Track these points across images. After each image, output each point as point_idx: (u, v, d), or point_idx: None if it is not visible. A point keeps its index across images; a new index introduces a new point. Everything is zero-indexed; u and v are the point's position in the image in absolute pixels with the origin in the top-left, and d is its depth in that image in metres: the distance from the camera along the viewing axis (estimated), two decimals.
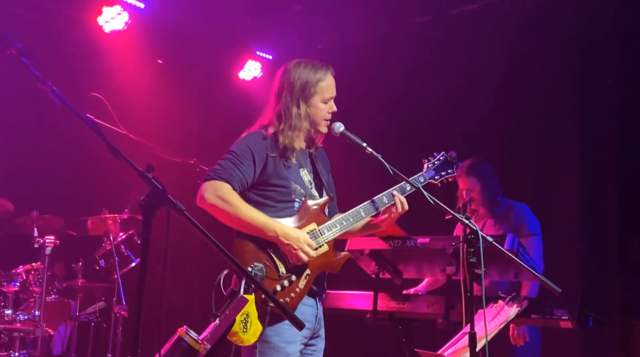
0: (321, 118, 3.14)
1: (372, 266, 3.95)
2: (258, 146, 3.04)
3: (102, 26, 5.88)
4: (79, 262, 5.52)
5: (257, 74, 6.98)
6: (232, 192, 2.96)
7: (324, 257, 3.04)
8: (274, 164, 3.04)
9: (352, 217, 3.12)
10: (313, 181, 3.19)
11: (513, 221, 4.45)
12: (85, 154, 5.79)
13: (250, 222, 2.93)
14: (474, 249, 2.86)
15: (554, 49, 5.43)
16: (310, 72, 3.12)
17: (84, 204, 5.88)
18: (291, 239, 2.93)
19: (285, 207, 3.05)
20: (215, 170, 3.00)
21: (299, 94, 3.08)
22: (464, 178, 4.54)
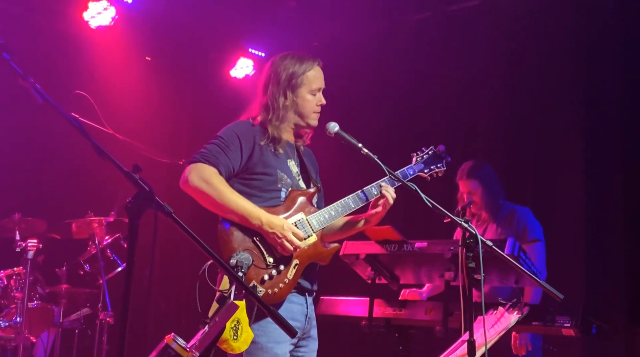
0: (310, 110, 3.16)
1: (368, 271, 3.94)
2: (245, 133, 3.06)
3: (87, 22, 5.86)
4: (63, 267, 5.49)
5: (249, 71, 6.98)
6: (217, 176, 2.95)
7: (313, 248, 3.04)
8: (261, 152, 3.05)
9: (340, 207, 3.11)
10: (300, 173, 3.20)
11: (515, 226, 4.45)
12: (70, 155, 5.77)
13: (234, 208, 2.91)
14: (473, 253, 2.86)
15: (556, 47, 5.44)
16: (296, 63, 3.16)
17: (68, 206, 5.85)
18: (275, 227, 2.92)
19: (271, 196, 3.04)
20: (201, 153, 3.00)
21: (286, 84, 3.12)
22: (465, 181, 4.55)
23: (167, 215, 2.02)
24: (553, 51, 5.46)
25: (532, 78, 5.57)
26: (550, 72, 5.47)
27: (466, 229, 2.88)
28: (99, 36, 6.05)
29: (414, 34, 6.25)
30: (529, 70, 5.58)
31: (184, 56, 6.82)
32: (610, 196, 5.03)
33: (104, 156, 1.99)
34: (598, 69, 5.20)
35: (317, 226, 3.06)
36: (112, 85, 6.27)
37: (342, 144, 3.11)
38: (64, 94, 4.87)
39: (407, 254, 3.76)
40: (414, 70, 6.18)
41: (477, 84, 5.85)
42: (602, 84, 5.17)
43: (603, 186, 5.06)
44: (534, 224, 4.48)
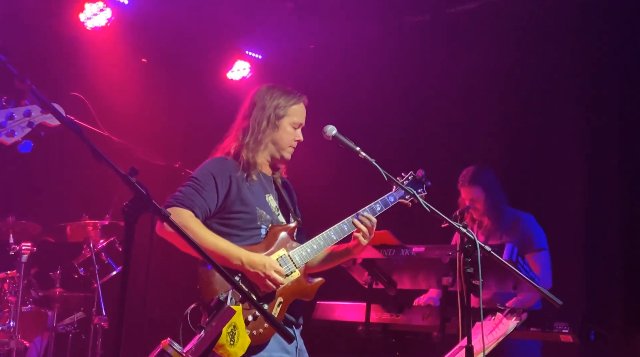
0: (286, 143, 3.22)
1: (365, 275, 3.95)
2: (220, 170, 3.09)
3: (83, 23, 5.87)
4: (57, 270, 5.48)
5: (245, 74, 6.99)
6: (193, 219, 2.96)
7: (297, 284, 3.06)
8: (238, 188, 3.07)
9: (322, 240, 3.14)
10: (279, 207, 3.23)
11: (521, 234, 4.46)
12: (65, 157, 5.76)
13: (213, 250, 2.92)
14: (471, 258, 2.87)
15: (556, 50, 5.46)
16: (283, 94, 3.25)
17: (62, 209, 5.85)
18: (257, 266, 2.94)
19: (251, 234, 3.06)
20: (175, 196, 3.02)
21: (271, 110, 3.18)
22: (467, 188, 4.55)
23: (163, 219, 2.03)
24: (553, 54, 5.47)
25: (532, 82, 5.58)
26: (550, 76, 5.49)
27: (464, 233, 2.89)
28: (95, 37, 6.05)
29: (412, 37, 6.27)
30: (528, 74, 5.60)
31: (180, 58, 6.82)
32: (610, 200, 5.05)
33: (100, 159, 2.00)
34: (598, 71, 5.22)
35: (299, 262, 3.08)
36: (108, 88, 6.26)
37: (340, 147, 3.12)
38: (59, 96, 4.86)
39: (404, 258, 3.76)
40: (412, 74, 6.19)
41: (476, 88, 5.86)
42: (602, 87, 5.19)
43: (602, 190, 5.08)
44: (539, 232, 4.48)
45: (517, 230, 4.48)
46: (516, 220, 4.53)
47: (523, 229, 4.48)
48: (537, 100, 5.54)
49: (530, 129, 5.57)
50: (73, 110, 4.80)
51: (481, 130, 5.78)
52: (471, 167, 4.63)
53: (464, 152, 5.74)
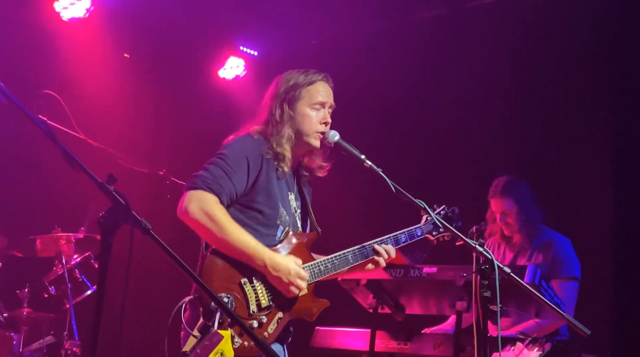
0: (310, 127, 3.19)
1: (370, 298, 3.94)
2: (253, 151, 3.08)
3: (59, 12, 5.88)
4: (25, 289, 5.46)
5: (239, 72, 7.00)
6: (219, 208, 2.97)
7: (301, 302, 3.07)
8: (267, 176, 3.07)
9: (338, 261, 3.16)
10: (299, 208, 3.25)
11: (551, 257, 4.45)
12: (36, 162, 5.76)
13: (238, 245, 2.94)
14: (488, 281, 2.86)
15: (584, 47, 5.45)
16: (300, 75, 3.24)
17: (32, 220, 5.83)
18: (281, 271, 2.96)
19: (268, 233, 3.08)
20: (202, 177, 3.00)
21: (283, 97, 3.18)
22: (499, 199, 4.54)
23: (144, 232, 2.02)
24: (580, 52, 5.47)
25: (556, 83, 5.58)
26: (577, 76, 5.47)
27: (481, 253, 2.89)
28: (71, 29, 6.06)
29: (425, 33, 6.28)
30: (552, 74, 5.59)
31: (167, 54, 6.84)
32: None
33: (74, 164, 2.00)
34: (628, 71, 5.21)
35: (310, 279, 3.09)
36: (86, 85, 6.28)
37: (343, 155, 3.12)
38: (30, 93, 4.88)
39: (414, 280, 3.76)
40: (423, 73, 6.20)
41: (494, 89, 5.86)
42: (633, 88, 5.18)
43: (633, 204, 5.06)
44: (572, 259, 4.47)
45: (549, 253, 4.48)
46: (549, 241, 4.52)
47: (555, 253, 4.47)
48: (561, 103, 5.53)
49: (553, 134, 5.55)
50: (45, 110, 4.81)
51: (498, 137, 5.77)
52: (503, 177, 4.62)
53: (480, 159, 5.73)
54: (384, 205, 5.40)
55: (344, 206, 5.85)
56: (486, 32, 5.97)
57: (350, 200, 5.97)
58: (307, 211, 3.29)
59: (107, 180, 1.99)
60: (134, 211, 2.04)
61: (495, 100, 5.85)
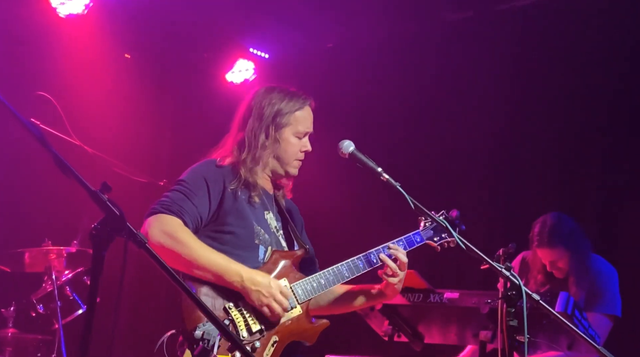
0: (292, 156, 3.23)
1: (385, 325, 3.93)
2: (213, 175, 3.11)
3: (56, 8, 5.92)
4: (11, 307, 5.48)
5: (248, 76, 7.03)
6: (183, 228, 2.97)
7: (296, 323, 3.05)
8: (234, 198, 3.09)
9: (332, 276, 3.13)
10: (281, 228, 3.24)
11: (592, 288, 4.40)
12: (25, 169, 5.78)
13: (206, 264, 2.93)
14: (515, 309, 2.84)
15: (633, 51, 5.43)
16: (285, 98, 3.25)
17: (20, 232, 5.86)
18: (260, 284, 2.94)
19: (248, 255, 3.07)
20: (161, 202, 3.03)
21: (270, 120, 3.20)
22: (548, 250, 4.47)
23: (139, 246, 2.02)
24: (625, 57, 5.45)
25: (600, 92, 5.54)
26: (622, 83, 5.45)
27: (507, 278, 2.87)
28: (68, 27, 6.10)
29: (450, 37, 6.29)
30: (595, 82, 5.56)
31: (171, 55, 6.88)
32: None
33: (66, 171, 2.00)
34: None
35: (302, 297, 3.08)
36: (83, 87, 6.31)
37: (358, 167, 3.12)
38: (23, 95, 4.91)
39: (434, 306, 3.74)
40: (448, 80, 6.21)
41: (528, 96, 5.85)
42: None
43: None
44: (614, 295, 4.43)
45: (593, 283, 4.42)
46: (595, 271, 4.47)
47: (598, 284, 4.42)
48: (605, 114, 5.50)
49: (594, 151, 5.52)
50: (38, 113, 4.85)
51: (530, 150, 5.76)
52: (548, 221, 4.52)
53: (509, 177, 5.71)
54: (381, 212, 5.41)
55: (337, 214, 5.87)
56: (520, 36, 5.96)
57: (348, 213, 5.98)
58: (292, 229, 3.28)
59: (100, 188, 1.99)
60: (131, 224, 2.04)
61: (524, 107, 5.84)
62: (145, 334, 6.69)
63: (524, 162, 5.78)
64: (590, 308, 4.34)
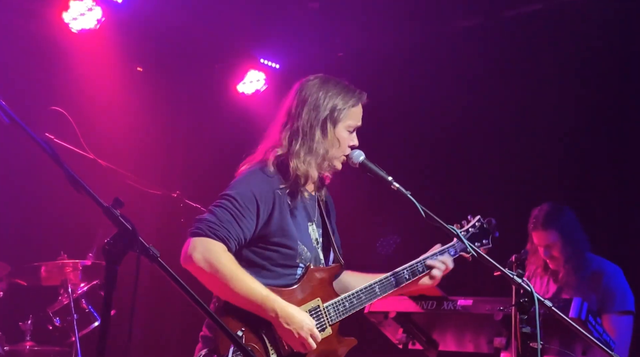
0: (342, 151, 3.19)
1: (399, 333, 3.92)
2: (265, 192, 3.04)
3: (68, 24, 5.96)
4: (28, 320, 5.51)
5: (260, 86, 7.05)
6: (226, 255, 2.95)
7: (326, 344, 3.06)
8: (280, 213, 3.04)
9: (364, 295, 3.15)
10: (321, 238, 3.24)
11: (602, 290, 4.39)
12: (41, 184, 5.81)
13: (246, 295, 2.93)
14: (528, 316, 2.84)
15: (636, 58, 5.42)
16: (341, 93, 3.19)
17: (36, 246, 5.89)
18: (293, 324, 2.94)
19: (286, 273, 3.08)
20: (208, 223, 2.98)
21: (327, 114, 3.14)
22: (541, 232, 4.49)
23: (152, 260, 2.04)
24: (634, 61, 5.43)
25: (611, 98, 5.53)
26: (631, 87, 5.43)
27: (519, 284, 2.86)
28: (81, 42, 6.14)
29: (461, 44, 6.29)
30: (604, 86, 5.55)
31: (182, 67, 6.90)
32: None
33: (79, 188, 2.03)
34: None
35: (334, 318, 3.09)
36: (96, 101, 6.35)
37: (369, 176, 3.13)
38: (37, 110, 4.96)
39: (448, 313, 3.74)
40: (460, 88, 6.20)
41: (539, 104, 5.84)
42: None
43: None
44: (625, 291, 4.41)
45: (599, 284, 4.41)
46: (600, 272, 4.46)
47: (606, 285, 4.41)
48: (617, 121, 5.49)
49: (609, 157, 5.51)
50: (52, 128, 4.88)
51: (545, 158, 5.74)
52: (545, 206, 4.57)
53: (523, 185, 5.70)
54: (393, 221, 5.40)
55: (350, 224, 5.88)
56: (530, 42, 5.96)
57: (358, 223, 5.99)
58: (329, 239, 3.27)
59: (112, 203, 2.02)
60: (145, 236, 2.06)
61: (536, 114, 5.82)
62: (161, 345, 6.72)
63: (536, 168, 5.77)
64: (607, 310, 4.33)
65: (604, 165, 5.54)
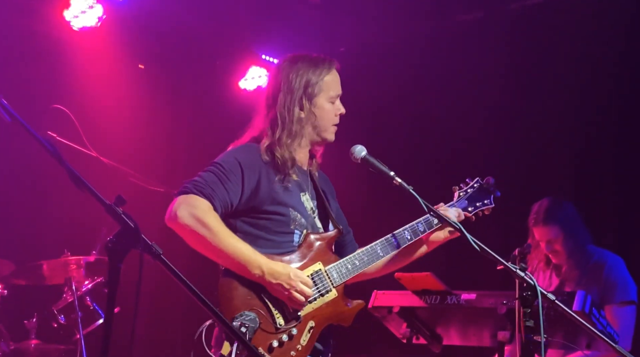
0: (329, 122, 3.22)
1: (403, 328, 3.93)
2: (250, 161, 3.09)
3: (69, 22, 5.96)
4: (33, 318, 5.53)
5: (261, 82, 7.04)
6: (212, 213, 2.96)
7: (332, 306, 3.05)
8: (269, 184, 3.07)
9: (366, 257, 3.15)
10: (316, 208, 3.24)
11: (604, 282, 4.40)
12: (43, 181, 5.83)
13: (231, 253, 2.93)
14: (531, 309, 2.84)
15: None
16: (311, 66, 3.22)
17: (39, 244, 5.90)
18: (280, 276, 2.93)
19: (283, 240, 3.08)
20: (194, 182, 3.01)
21: (301, 92, 3.17)
22: (542, 228, 4.51)
23: (155, 257, 2.04)
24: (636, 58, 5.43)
25: (615, 91, 5.52)
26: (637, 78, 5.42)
27: (522, 278, 2.86)
28: (82, 39, 6.14)
29: (462, 38, 6.28)
30: (608, 79, 5.53)
31: (184, 64, 6.90)
32: None
33: (81, 186, 2.03)
34: None
35: (337, 280, 3.08)
36: (98, 99, 6.35)
37: (370, 172, 3.13)
38: (39, 108, 4.96)
39: (451, 307, 3.74)
40: (462, 82, 6.20)
41: (542, 98, 5.83)
42: None
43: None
44: (626, 281, 4.42)
45: (600, 276, 4.43)
46: (601, 263, 4.47)
47: (607, 276, 4.42)
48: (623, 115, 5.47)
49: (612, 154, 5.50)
50: (54, 126, 4.89)
51: (548, 152, 5.74)
52: (545, 201, 4.58)
53: (525, 180, 5.69)
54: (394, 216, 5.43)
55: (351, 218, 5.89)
56: (534, 35, 5.95)
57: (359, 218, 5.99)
58: (326, 209, 3.27)
59: (115, 201, 2.02)
60: (148, 234, 2.06)
61: (538, 107, 5.82)
62: (165, 341, 6.73)
63: (539, 162, 5.77)
64: (609, 301, 4.33)
65: (605, 158, 5.52)
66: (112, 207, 2.02)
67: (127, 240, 2.02)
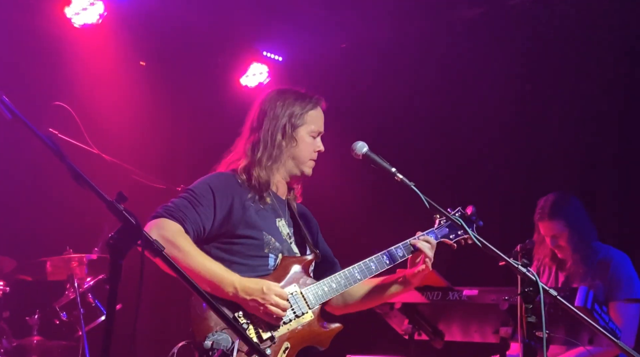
0: (307, 155, 3.27)
1: (405, 324, 3.93)
2: (222, 187, 3.13)
3: (70, 19, 5.96)
4: (35, 315, 5.54)
5: (263, 79, 7.05)
6: (182, 235, 2.99)
7: (308, 328, 3.06)
8: (243, 209, 3.10)
9: (343, 279, 3.16)
10: (293, 235, 3.26)
11: (609, 277, 4.39)
12: (45, 179, 5.83)
13: (203, 274, 2.94)
14: (533, 305, 2.84)
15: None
16: (297, 99, 3.31)
17: (42, 241, 5.91)
18: (253, 292, 2.94)
19: (257, 264, 3.09)
20: (165, 207, 3.06)
21: (286, 120, 3.24)
22: (547, 222, 4.49)
23: (155, 253, 2.05)
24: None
25: (618, 86, 5.50)
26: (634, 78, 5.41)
27: (524, 274, 2.86)
28: (83, 36, 6.14)
29: (465, 34, 6.27)
30: (610, 76, 5.52)
31: (185, 61, 6.89)
32: None
33: (82, 183, 2.03)
34: None
35: (313, 302, 3.10)
36: (99, 96, 6.35)
37: (372, 168, 3.13)
38: (40, 105, 4.96)
39: (453, 303, 3.74)
40: (464, 79, 6.19)
41: (544, 95, 5.82)
42: None
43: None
44: (632, 278, 4.40)
45: (606, 272, 4.41)
46: (607, 261, 4.46)
47: (612, 272, 4.40)
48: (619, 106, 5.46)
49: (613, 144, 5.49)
50: (56, 123, 4.89)
51: (548, 150, 5.73)
52: (551, 196, 4.56)
53: (527, 177, 5.69)
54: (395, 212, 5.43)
55: (351, 215, 5.88)
56: (535, 31, 5.94)
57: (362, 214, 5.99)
58: (304, 235, 3.30)
59: (116, 198, 2.02)
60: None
61: (541, 103, 5.80)
62: (167, 339, 6.73)
63: (540, 158, 5.76)
64: (614, 297, 4.33)
65: (610, 154, 5.51)
66: (113, 204, 2.02)
67: (129, 237, 2.02)
